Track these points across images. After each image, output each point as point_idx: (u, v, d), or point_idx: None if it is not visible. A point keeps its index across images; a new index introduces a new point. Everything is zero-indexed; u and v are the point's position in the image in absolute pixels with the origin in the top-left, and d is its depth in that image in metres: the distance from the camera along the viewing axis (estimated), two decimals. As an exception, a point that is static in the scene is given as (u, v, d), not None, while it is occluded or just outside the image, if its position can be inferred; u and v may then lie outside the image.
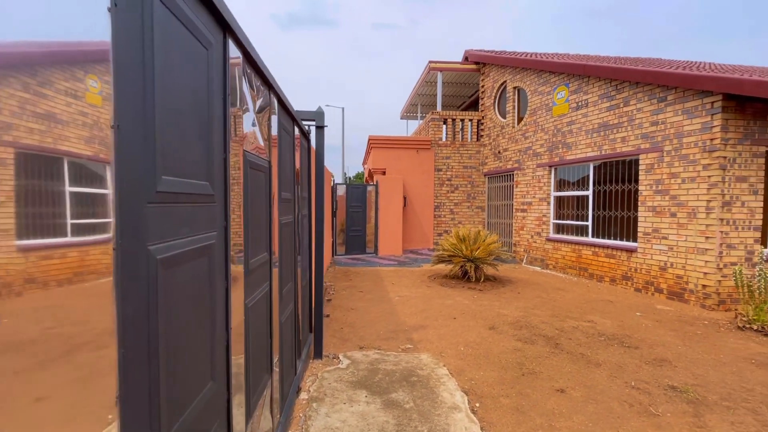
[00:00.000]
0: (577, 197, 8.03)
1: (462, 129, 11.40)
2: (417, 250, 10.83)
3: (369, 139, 11.07)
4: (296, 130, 3.01)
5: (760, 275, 4.76)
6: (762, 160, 5.54)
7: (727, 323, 4.87)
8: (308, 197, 3.60)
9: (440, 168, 11.21)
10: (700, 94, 5.62)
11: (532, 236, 9.28)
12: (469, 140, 11.41)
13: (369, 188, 10.24)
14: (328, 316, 4.96)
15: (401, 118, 18.05)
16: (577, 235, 8.06)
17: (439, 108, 11.80)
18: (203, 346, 1.14)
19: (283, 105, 2.30)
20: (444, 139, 11.31)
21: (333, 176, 10.31)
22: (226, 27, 1.28)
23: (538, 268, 8.88)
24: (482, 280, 6.89)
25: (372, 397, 2.87)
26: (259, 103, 1.79)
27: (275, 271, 2.12)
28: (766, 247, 5.73)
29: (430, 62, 11.47)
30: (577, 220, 8.03)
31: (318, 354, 3.55)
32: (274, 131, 2.12)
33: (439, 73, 11.63)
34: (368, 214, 10.21)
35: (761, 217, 5.57)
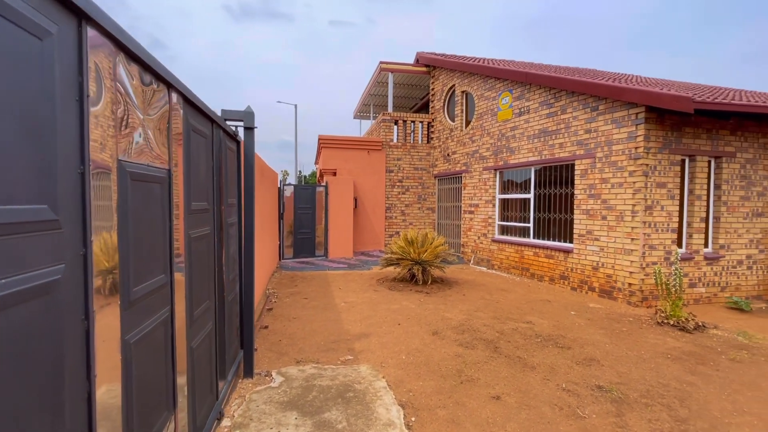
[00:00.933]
0: (520, 200, 8.33)
1: (413, 131, 11.46)
2: (368, 252, 10.72)
3: (319, 139, 10.79)
4: (220, 131, 2.75)
5: (675, 274, 5.17)
6: (678, 168, 6.04)
7: (649, 319, 5.25)
8: (238, 204, 3.34)
9: (392, 169, 11.19)
10: (627, 105, 6.02)
11: (478, 237, 9.52)
12: (420, 142, 11.50)
13: (318, 189, 9.97)
14: (266, 327, 4.69)
15: (354, 118, 17.88)
16: (520, 236, 8.37)
17: (390, 109, 11.78)
18: (43, 412, 0.92)
19: (193, 104, 2.05)
20: (395, 141, 11.31)
21: (288, 174, 9.91)
22: (81, 14, 1.05)
23: (484, 269, 9.13)
24: (430, 282, 6.92)
25: (303, 419, 2.70)
26: (153, 103, 1.55)
27: (180, 292, 1.88)
28: (681, 248, 6.26)
29: (381, 63, 11.41)
30: (520, 222, 8.34)
31: (249, 372, 3.31)
32: (182, 134, 1.88)
33: (390, 74, 11.60)
34: (318, 216, 9.94)
35: (677, 220, 6.08)
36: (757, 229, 6.48)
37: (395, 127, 11.29)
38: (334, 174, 10.90)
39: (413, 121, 11.35)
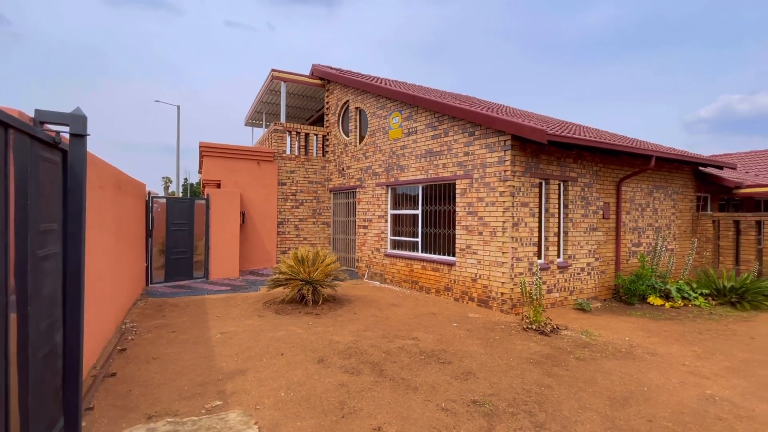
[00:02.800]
0: (410, 215, 8.68)
1: (307, 143, 11.15)
2: (257, 271, 9.95)
3: (200, 147, 9.71)
4: (26, 138, 2.12)
5: (535, 283, 5.87)
6: (537, 190, 6.96)
7: (516, 325, 5.85)
8: (63, 229, 2.64)
9: (284, 182, 10.67)
10: (497, 132, 6.74)
11: (372, 252, 9.62)
12: (314, 155, 11.23)
13: (198, 202, 8.92)
14: (113, 375, 3.85)
15: (246, 125, 16.74)
16: (410, 250, 8.68)
17: (282, 119, 11.29)
18: None
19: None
20: (288, 152, 10.84)
21: (171, 182, 8.56)
22: None
23: (378, 283, 9.23)
24: (321, 302, 6.66)
25: (142, 500, 2.18)
26: None
27: None
28: (540, 259, 7.20)
29: (273, 71, 10.89)
30: (410, 236, 8.67)
31: (74, 444, 2.59)
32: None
33: (282, 83, 11.14)
34: (197, 233, 8.86)
35: (537, 235, 6.98)
36: (594, 241, 7.84)
37: (288, 138, 10.84)
38: (219, 186, 9.91)
39: (307, 133, 11.05)
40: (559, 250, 7.44)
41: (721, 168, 9.64)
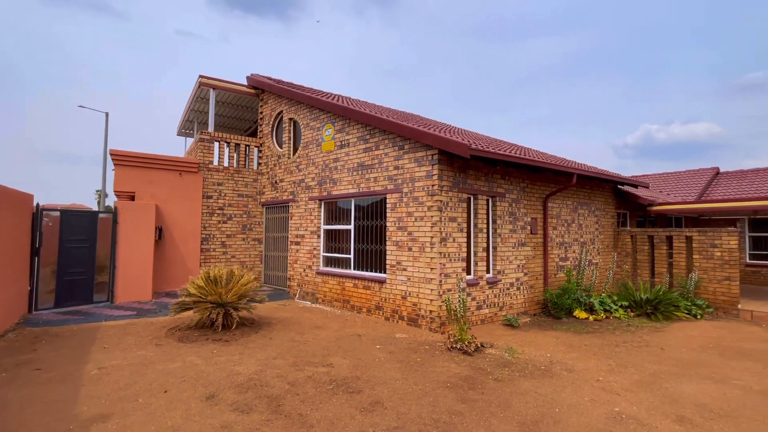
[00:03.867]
0: (343, 231, 8.31)
1: (238, 154, 10.50)
2: (175, 293, 9.00)
3: (111, 155, 8.73)
4: None
5: (459, 300, 5.70)
6: (465, 205, 6.92)
7: (442, 345, 5.60)
8: None
9: (211, 195, 9.89)
10: (425, 147, 6.64)
11: (304, 270, 9.08)
12: (246, 167, 10.58)
13: (102, 216, 7.92)
14: None
15: (178, 135, 15.63)
16: (342, 267, 8.27)
17: (211, 128, 10.56)
18: None
19: None
20: (216, 163, 10.11)
21: (104, 195, 7.46)
22: None
23: (309, 303, 8.68)
24: (234, 327, 6.01)
25: None
26: None
27: None
28: (470, 274, 7.11)
29: (201, 77, 10.21)
30: (343, 253, 8.28)
31: None
32: None
33: (211, 90, 10.47)
34: (100, 250, 7.82)
35: (466, 250, 6.89)
36: (522, 256, 7.93)
37: (216, 148, 10.13)
38: (132, 198, 8.94)
39: (238, 144, 10.41)
40: (488, 266, 7.41)
41: (636, 187, 10.36)
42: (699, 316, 7.97)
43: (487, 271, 7.37)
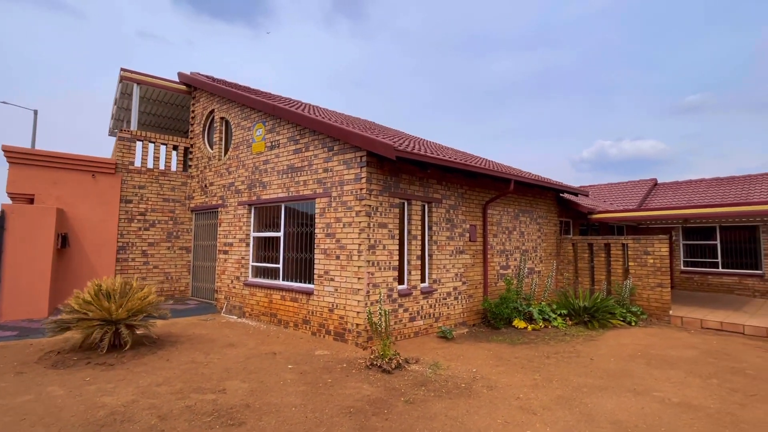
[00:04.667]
0: (273, 238, 7.69)
1: (165, 155, 9.65)
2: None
3: (3, 151, 7.66)
4: None
5: (380, 312, 5.26)
6: (397, 210, 6.54)
7: (363, 361, 5.11)
8: None
9: (130, 199, 8.96)
10: (354, 148, 6.22)
11: (232, 281, 8.35)
12: (173, 169, 9.73)
13: (-14, 222, 6.86)
14: None
15: (110, 135, 14.39)
16: (271, 278, 7.64)
17: (134, 126, 9.65)
18: None
19: None
20: (138, 164, 9.21)
21: None
22: None
23: (235, 317, 7.94)
24: (127, 347, 5.22)
25: None
26: None
27: None
28: (403, 284, 6.71)
29: (122, 70, 9.32)
30: (272, 262, 7.65)
31: None
32: None
33: (135, 85, 9.60)
34: (-18, 261, 6.74)
35: (398, 259, 6.49)
36: (461, 264, 7.65)
37: (140, 148, 9.24)
38: (32, 201, 7.89)
39: (165, 144, 9.57)
40: (423, 275, 7.05)
41: (576, 195, 10.48)
42: (633, 323, 7.99)
43: (422, 281, 7.00)
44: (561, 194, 10.53)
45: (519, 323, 7.56)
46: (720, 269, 12.69)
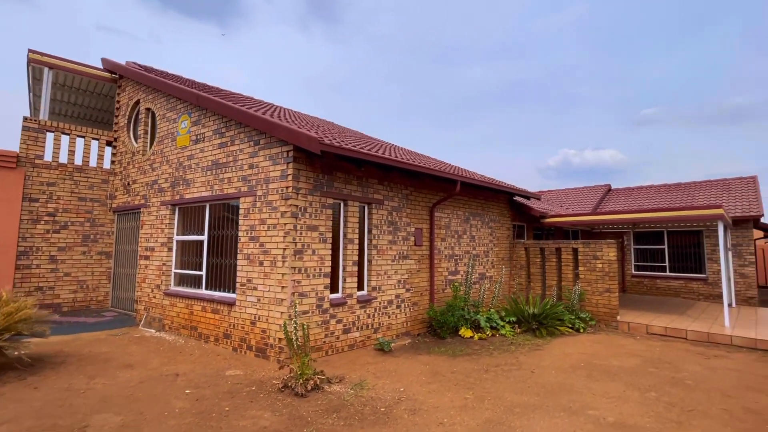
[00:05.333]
0: (197, 242, 6.91)
1: (84, 148, 8.63)
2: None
3: None
4: None
5: (294, 325, 4.64)
6: (330, 211, 5.96)
7: (278, 382, 4.48)
8: None
9: (37, 197, 7.88)
10: (281, 142, 5.60)
11: (152, 290, 7.46)
12: (92, 164, 8.72)
13: None
14: None
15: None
16: (194, 287, 6.84)
17: (44, 115, 8.55)
18: None
19: None
20: (49, 158, 8.14)
21: None
22: None
23: (153, 331, 7.06)
24: (-12, 374, 4.32)
25: None
26: None
27: None
28: (338, 292, 6.12)
29: (30, 51, 8.24)
30: (195, 269, 6.86)
31: None
32: None
33: (47, 69, 8.52)
34: None
35: (330, 264, 5.90)
36: (404, 270, 7.16)
37: (50, 140, 8.18)
38: None
39: (82, 136, 8.55)
40: (361, 282, 6.50)
41: (528, 198, 10.31)
42: (582, 330, 7.78)
43: (360, 288, 6.44)
44: (514, 198, 10.32)
45: (465, 332, 7.16)
46: (668, 273, 12.96)
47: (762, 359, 5.97)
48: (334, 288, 6.03)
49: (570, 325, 7.80)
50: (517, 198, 10.34)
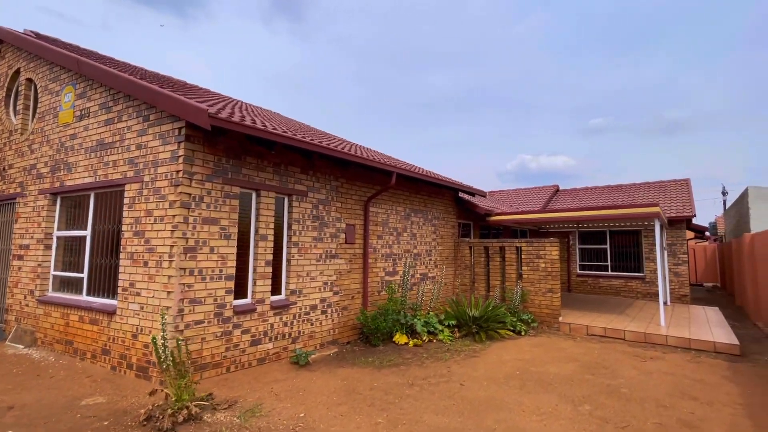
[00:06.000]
0: (79, 239, 5.74)
1: (-53, 126, 7.08)
2: None
3: None
4: None
5: (163, 339, 3.75)
6: (236, 202, 5.07)
7: (145, 412, 3.55)
8: None
9: None
10: (172, 117, 4.65)
11: (25, 297, 6.17)
12: (-42, 145, 7.19)
13: None
14: None
15: None
16: (74, 293, 5.68)
17: None
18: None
19: None
20: None
21: None
22: None
23: (21, 347, 5.80)
24: None
25: None
26: None
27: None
28: (246, 297, 5.24)
29: None
30: (76, 270, 5.69)
31: None
32: None
33: None
34: None
35: (234, 265, 5.01)
36: (332, 270, 6.39)
37: None
38: None
39: (-56, 111, 7.01)
40: (279, 285, 5.66)
41: (473, 195, 9.92)
42: (523, 332, 7.40)
43: (275, 292, 5.60)
44: (459, 194, 9.88)
45: (400, 338, 6.52)
46: (610, 272, 13.15)
47: (695, 360, 5.80)
48: (241, 293, 5.14)
49: (511, 328, 7.40)
50: (462, 195, 9.91)
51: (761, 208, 13.09)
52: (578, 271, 13.68)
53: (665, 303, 10.30)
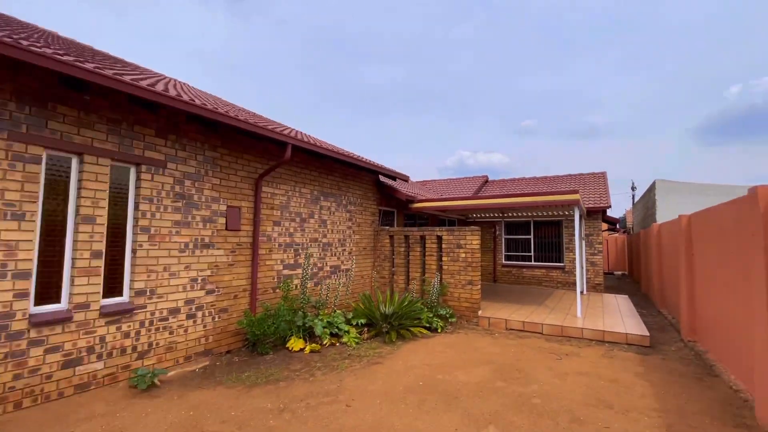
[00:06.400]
0: None
1: None
2: None
3: None
4: None
5: None
6: (38, 168, 3.57)
7: None
8: None
9: None
10: None
11: None
12: None
13: None
14: None
15: None
16: None
17: None
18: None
19: None
20: None
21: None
22: None
23: None
24: None
25: None
26: None
27: None
28: (60, 302, 3.79)
29: None
30: None
31: None
32: None
33: None
34: None
35: (34, 258, 3.54)
36: (206, 263, 5.09)
37: None
38: None
39: None
40: (118, 283, 4.25)
41: (394, 179, 9.08)
42: (440, 329, 6.70)
43: (112, 293, 4.19)
44: (380, 179, 8.97)
45: (295, 344, 5.44)
46: (533, 262, 13.21)
47: (608, 354, 5.47)
48: (49, 295, 3.68)
49: (427, 325, 6.66)
50: (383, 179, 9.01)
51: (667, 199, 13.96)
52: (503, 262, 13.60)
53: (582, 292, 10.38)
